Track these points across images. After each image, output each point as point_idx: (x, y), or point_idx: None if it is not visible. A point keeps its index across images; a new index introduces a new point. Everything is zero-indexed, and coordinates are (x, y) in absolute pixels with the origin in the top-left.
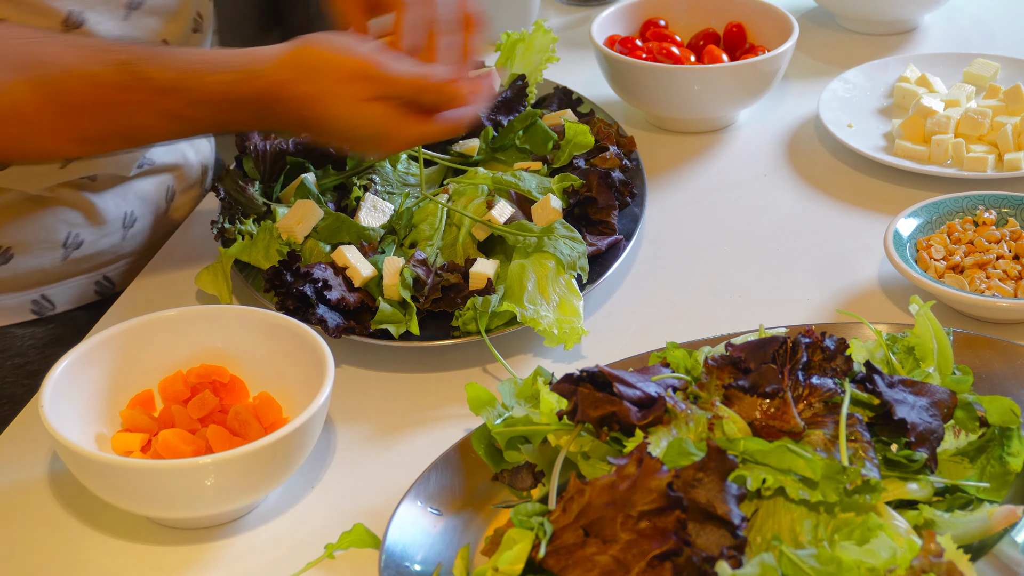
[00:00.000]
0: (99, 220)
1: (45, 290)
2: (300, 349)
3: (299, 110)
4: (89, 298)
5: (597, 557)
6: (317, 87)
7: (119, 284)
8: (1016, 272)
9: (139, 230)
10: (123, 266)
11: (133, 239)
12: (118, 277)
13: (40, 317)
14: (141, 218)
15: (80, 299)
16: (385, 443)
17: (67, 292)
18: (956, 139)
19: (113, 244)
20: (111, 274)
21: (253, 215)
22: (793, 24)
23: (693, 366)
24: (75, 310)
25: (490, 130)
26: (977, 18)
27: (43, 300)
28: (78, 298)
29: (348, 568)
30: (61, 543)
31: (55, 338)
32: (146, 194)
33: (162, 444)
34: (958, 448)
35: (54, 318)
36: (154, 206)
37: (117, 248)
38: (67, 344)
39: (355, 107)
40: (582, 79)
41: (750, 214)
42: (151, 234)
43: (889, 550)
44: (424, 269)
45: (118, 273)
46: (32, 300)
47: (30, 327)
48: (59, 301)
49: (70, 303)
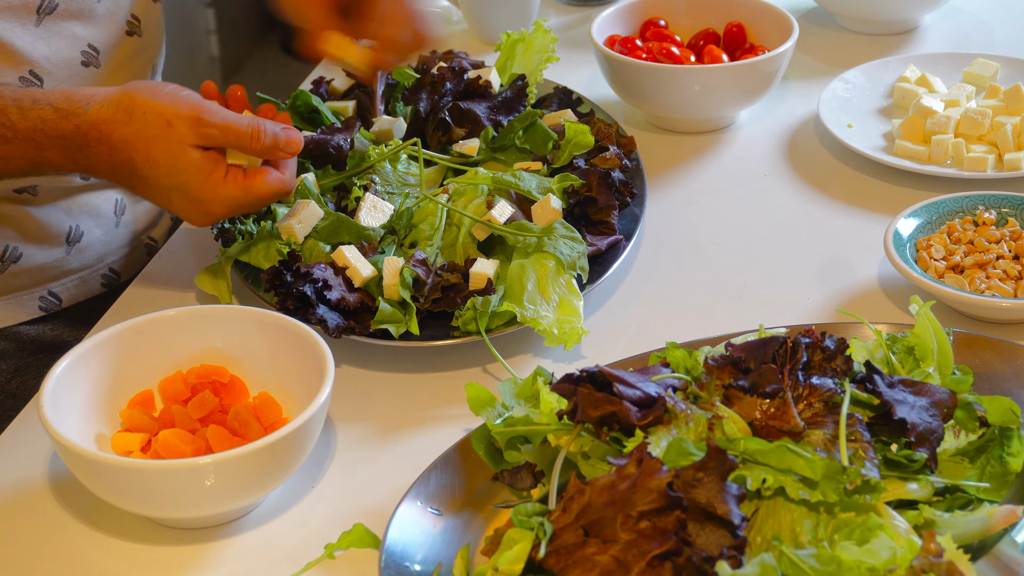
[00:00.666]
0: (41, 236)
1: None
2: (300, 349)
3: (117, 153)
4: (33, 314)
5: (597, 557)
6: (139, 129)
7: (66, 301)
8: (1016, 272)
9: (85, 245)
10: (70, 282)
11: (79, 255)
12: (66, 293)
13: None
14: (88, 232)
15: (21, 315)
16: (385, 443)
17: (8, 307)
18: (956, 139)
19: (56, 259)
20: (56, 290)
21: (253, 215)
22: (793, 24)
23: (693, 366)
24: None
25: (490, 130)
26: (977, 18)
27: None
28: (20, 314)
29: (348, 568)
30: (61, 543)
31: None
32: (93, 207)
33: (162, 444)
34: (958, 448)
35: None
36: (103, 219)
37: (62, 263)
38: (10, 358)
39: (176, 150)
40: (582, 79)
41: (750, 214)
42: (100, 248)
43: (889, 550)
44: (424, 269)
45: (65, 289)
46: None
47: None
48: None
49: (11, 319)
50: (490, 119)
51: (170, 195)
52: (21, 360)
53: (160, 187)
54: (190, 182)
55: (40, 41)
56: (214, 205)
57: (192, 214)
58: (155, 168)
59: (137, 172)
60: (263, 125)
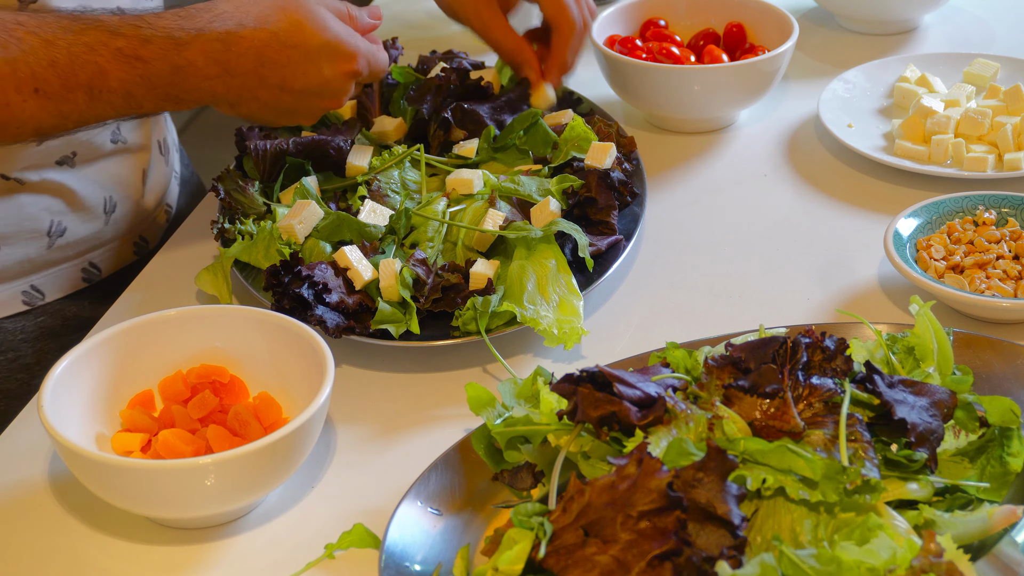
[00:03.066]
0: (80, 206)
1: (34, 279)
2: (300, 349)
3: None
4: (77, 286)
5: (597, 557)
6: None
7: (105, 271)
8: (1016, 272)
9: (120, 215)
10: (106, 252)
11: (115, 225)
12: (104, 264)
13: (31, 308)
14: (121, 203)
15: (68, 287)
16: (385, 443)
17: (55, 281)
18: (956, 139)
19: (96, 230)
20: (96, 260)
21: (253, 215)
22: (793, 24)
23: (693, 366)
24: (63, 299)
25: (492, 129)
26: (977, 18)
27: (33, 290)
28: (67, 286)
29: (348, 568)
30: (61, 543)
31: (46, 331)
32: (123, 177)
33: (162, 444)
34: (958, 448)
35: (43, 310)
36: (131, 189)
37: (100, 234)
38: (58, 336)
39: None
40: (582, 79)
41: (750, 214)
42: (132, 218)
43: (889, 550)
44: (424, 269)
45: (104, 259)
46: (22, 291)
47: (20, 320)
48: (48, 290)
49: (60, 292)
50: (493, 119)
51: (320, 56)
52: (68, 337)
53: (311, 50)
54: (336, 35)
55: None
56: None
57: (338, 80)
58: (302, 31)
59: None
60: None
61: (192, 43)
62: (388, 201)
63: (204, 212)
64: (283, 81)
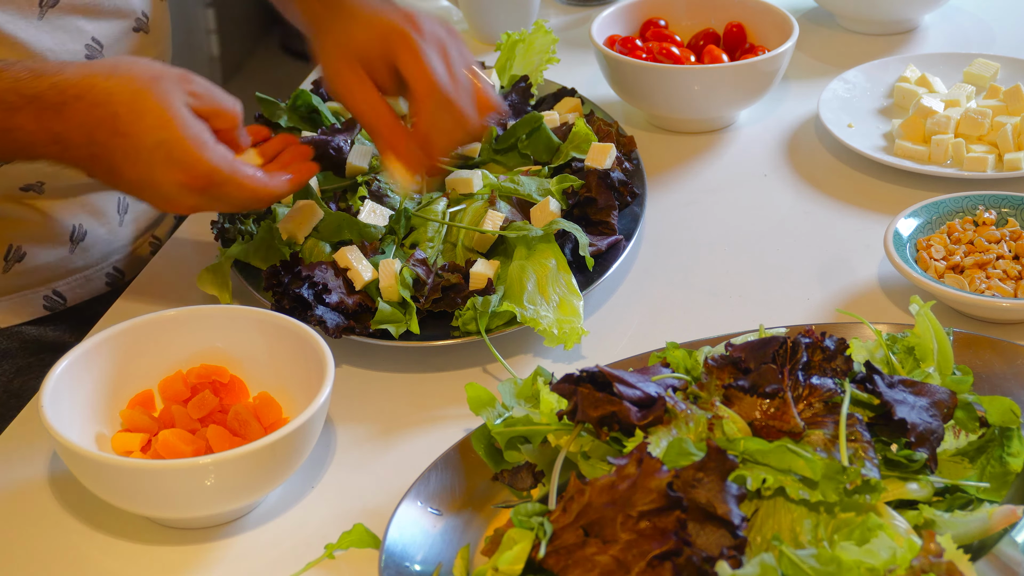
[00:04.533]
0: (44, 234)
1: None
2: (300, 349)
3: (97, 109)
4: (38, 313)
5: (597, 557)
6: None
7: (70, 300)
8: (1016, 272)
9: (89, 244)
10: (74, 281)
11: (83, 254)
12: (70, 293)
13: None
14: (91, 231)
15: (27, 314)
16: (385, 443)
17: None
18: (956, 139)
19: (60, 258)
20: (61, 289)
21: (253, 215)
22: (793, 24)
23: (693, 366)
24: (23, 325)
25: (493, 129)
26: (977, 18)
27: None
28: (25, 313)
29: (348, 568)
30: (61, 543)
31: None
32: (98, 207)
33: (162, 444)
34: (958, 448)
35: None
36: (107, 218)
37: (66, 262)
38: (13, 357)
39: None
40: (582, 79)
41: (750, 214)
42: (104, 247)
43: (889, 550)
44: (424, 269)
45: (70, 288)
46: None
47: None
48: (3, 315)
49: (17, 318)
50: (496, 121)
51: (152, 157)
52: (23, 360)
53: (143, 147)
54: (179, 137)
55: (44, 34)
56: (199, 175)
57: (171, 188)
58: (140, 120)
59: (119, 130)
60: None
61: (25, 108)
62: (388, 201)
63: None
64: (112, 167)
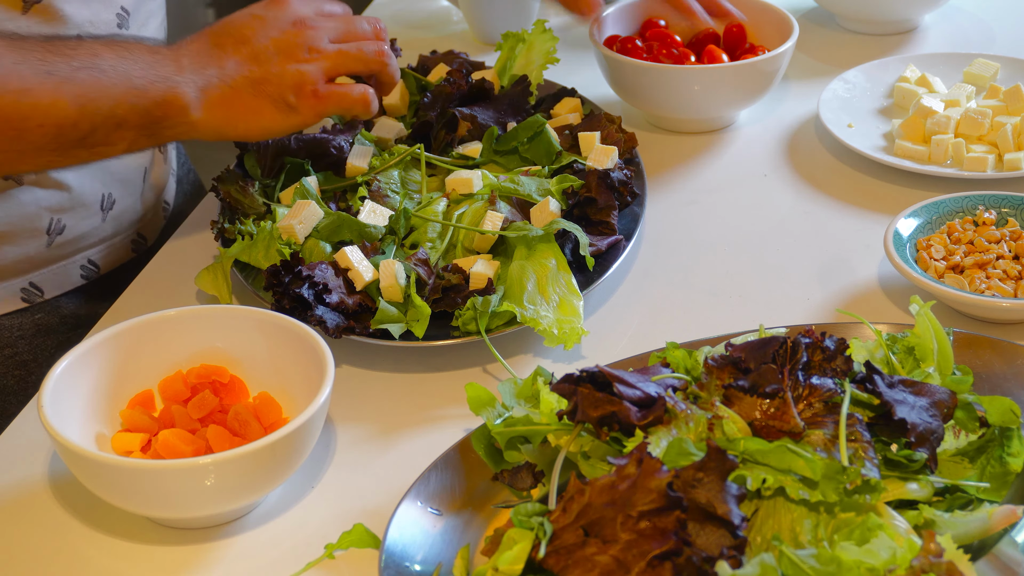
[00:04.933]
0: (78, 203)
1: (33, 277)
2: (300, 349)
3: (216, 32)
4: (75, 283)
5: (597, 557)
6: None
7: (103, 268)
8: (1016, 272)
9: (118, 212)
10: (104, 249)
11: (113, 222)
12: (102, 261)
13: (30, 305)
14: (120, 200)
15: (67, 285)
16: (385, 443)
17: (54, 278)
18: (956, 139)
19: (93, 227)
20: (94, 257)
21: (253, 215)
22: (793, 24)
23: (693, 366)
24: (60, 297)
25: (495, 129)
26: (977, 18)
27: (32, 287)
28: (66, 284)
29: (348, 568)
30: (61, 543)
31: (43, 328)
32: (123, 175)
33: (162, 444)
34: (958, 448)
35: (40, 307)
36: (131, 187)
37: (98, 231)
38: (55, 332)
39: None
40: (582, 79)
41: (750, 214)
42: (131, 216)
43: (889, 550)
44: (425, 269)
45: (102, 256)
46: (21, 288)
47: (17, 317)
48: (47, 288)
49: (58, 289)
50: (497, 122)
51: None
52: (63, 335)
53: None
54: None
55: (81, 6)
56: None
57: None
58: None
59: (236, 31)
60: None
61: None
62: (388, 201)
63: (204, 212)
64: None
